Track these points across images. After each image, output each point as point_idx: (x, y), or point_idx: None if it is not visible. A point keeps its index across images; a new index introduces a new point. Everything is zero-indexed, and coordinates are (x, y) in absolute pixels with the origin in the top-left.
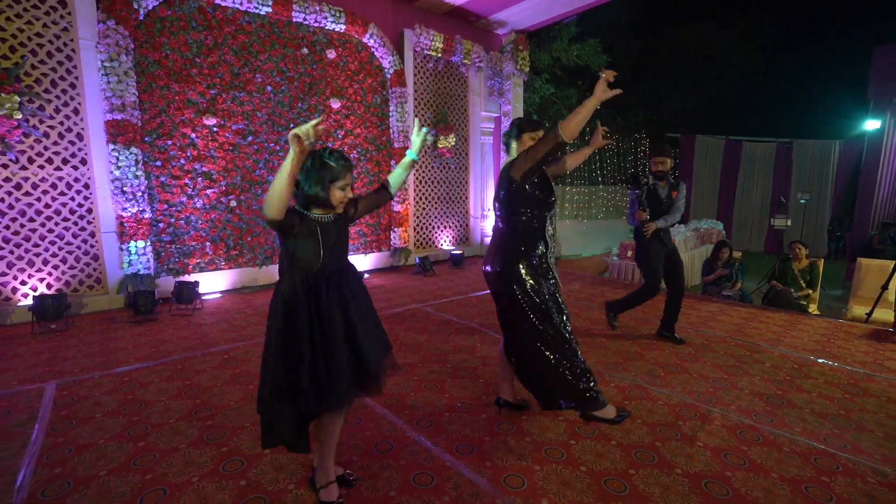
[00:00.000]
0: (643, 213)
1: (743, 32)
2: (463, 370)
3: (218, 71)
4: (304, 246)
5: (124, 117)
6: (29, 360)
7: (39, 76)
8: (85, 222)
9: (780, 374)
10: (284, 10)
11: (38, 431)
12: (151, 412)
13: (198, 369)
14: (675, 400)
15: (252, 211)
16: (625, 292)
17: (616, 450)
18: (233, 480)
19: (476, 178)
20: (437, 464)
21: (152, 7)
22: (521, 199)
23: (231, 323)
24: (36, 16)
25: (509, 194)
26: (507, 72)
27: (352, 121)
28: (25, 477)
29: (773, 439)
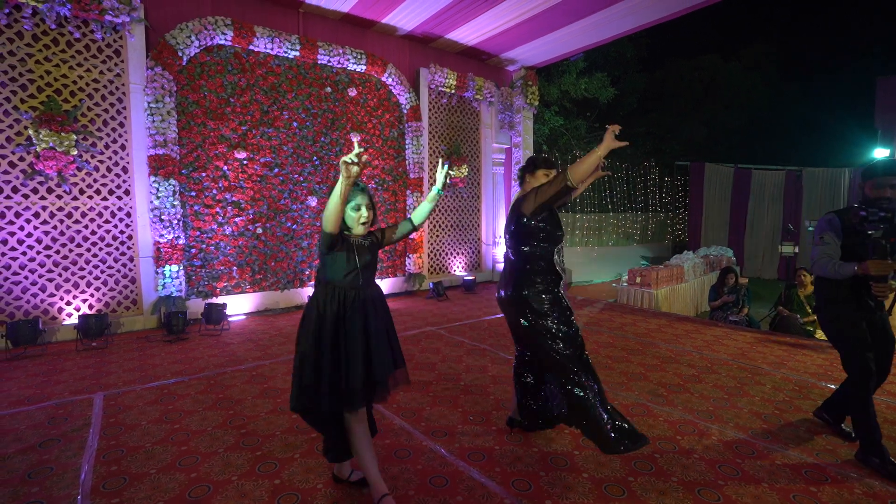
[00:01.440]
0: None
1: (748, 64)
2: (475, 387)
3: (249, 109)
4: (340, 261)
5: (165, 152)
6: (77, 374)
7: (94, 116)
8: (125, 248)
9: (780, 395)
10: (311, 54)
11: (92, 435)
12: (190, 420)
13: (228, 384)
14: (675, 417)
15: (276, 237)
16: (633, 317)
17: (616, 460)
18: (268, 480)
19: (488, 207)
20: (451, 469)
21: (194, 54)
22: (530, 233)
23: (256, 342)
24: (94, 64)
25: (519, 228)
26: (518, 105)
27: (370, 153)
28: (87, 472)
29: (767, 453)
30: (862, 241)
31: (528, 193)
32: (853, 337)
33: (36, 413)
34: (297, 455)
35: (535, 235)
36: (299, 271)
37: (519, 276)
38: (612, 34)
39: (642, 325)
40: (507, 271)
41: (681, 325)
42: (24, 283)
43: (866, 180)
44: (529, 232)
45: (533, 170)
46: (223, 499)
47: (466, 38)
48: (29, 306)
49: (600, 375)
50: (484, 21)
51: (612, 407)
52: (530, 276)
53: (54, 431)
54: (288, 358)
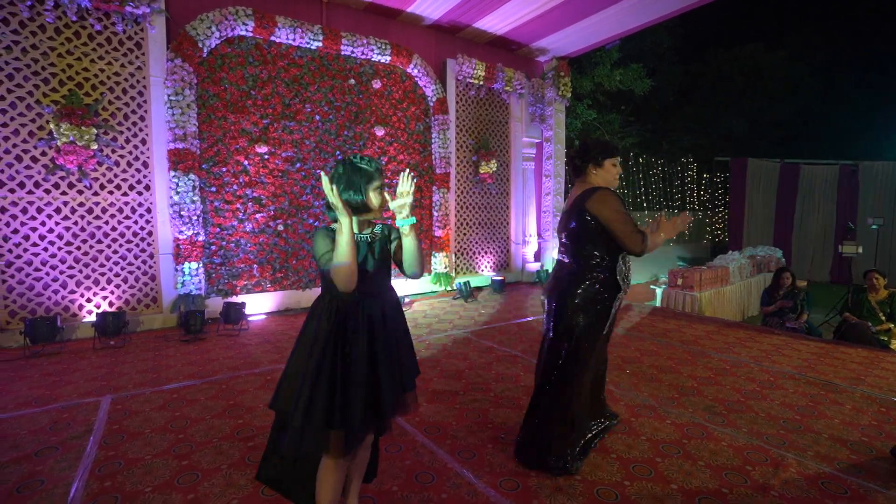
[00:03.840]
0: None
1: (794, 53)
2: (506, 399)
3: (271, 102)
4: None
5: (185, 146)
6: (89, 374)
7: (114, 110)
8: (145, 244)
9: (864, 417)
10: (334, 44)
11: (92, 444)
12: (196, 430)
13: (241, 389)
14: (740, 441)
15: (298, 235)
16: (676, 322)
17: (677, 495)
18: None
19: (517, 204)
20: (480, 500)
21: (214, 45)
22: (597, 235)
23: (274, 344)
24: (115, 57)
25: (584, 229)
26: (549, 98)
27: (395, 147)
28: (77, 489)
29: (865, 494)
30: None
31: (605, 196)
32: None
33: (40, 417)
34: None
35: (602, 238)
36: None
37: (572, 285)
38: (649, 18)
39: (688, 331)
40: (558, 277)
41: (731, 331)
42: (45, 279)
43: None
44: (596, 233)
45: (601, 160)
46: None
47: (495, 26)
48: (50, 303)
49: (646, 389)
50: (513, 7)
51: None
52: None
53: (54, 438)
54: None
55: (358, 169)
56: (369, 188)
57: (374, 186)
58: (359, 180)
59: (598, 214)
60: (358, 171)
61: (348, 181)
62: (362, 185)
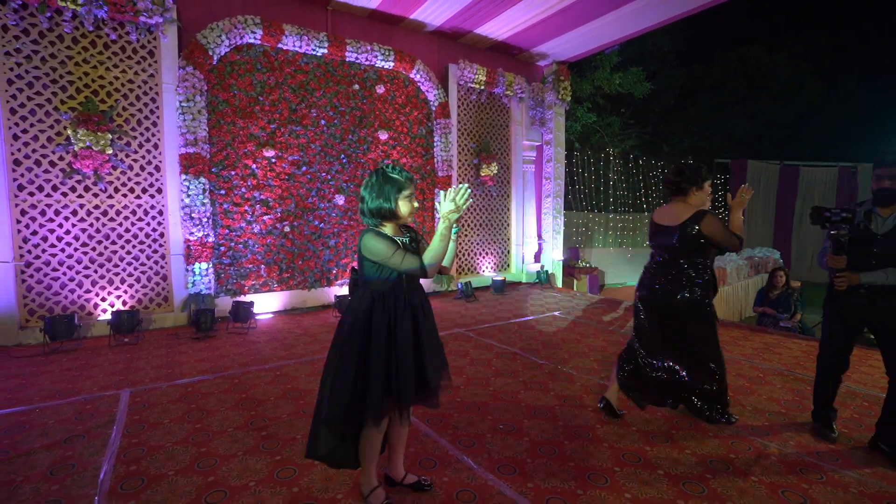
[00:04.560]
0: (837, 259)
1: (797, 54)
2: (505, 394)
3: (278, 107)
4: (387, 267)
5: (196, 151)
6: (107, 369)
7: (128, 116)
8: (157, 245)
9: (846, 411)
10: (339, 51)
11: (115, 433)
12: (212, 421)
13: (252, 383)
14: (727, 432)
15: (304, 236)
16: None
17: (663, 479)
18: (286, 487)
19: (518, 206)
20: (479, 482)
21: (224, 53)
22: (705, 248)
23: (282, 342)
24: (129, 65)
25: (696, 244)
26: (549, 101)
27: (398, 151)
28: (106, 472)
29: (839, 479)
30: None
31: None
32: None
33: (65, 408)
34: (317, 462)
35: (707, 250)
36: (326, 270)
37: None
38: (649, 24)
39: None
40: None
41: (727, 330)
42: (62, 279)
43: (873, 170)
44: (705, 247)
45: (702, 182)
46: None
47: (496, 32)
48: (67, 302)
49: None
50: (514, 14)
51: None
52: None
53: (80, 427)
54: (313, 358)
55: (389, 178)
56: (399, 197)
57: (403, 195)
58: (390, 189)
59: (710, 235)
60: (389, 180)
61: (380, 190)
62: (392, 193)
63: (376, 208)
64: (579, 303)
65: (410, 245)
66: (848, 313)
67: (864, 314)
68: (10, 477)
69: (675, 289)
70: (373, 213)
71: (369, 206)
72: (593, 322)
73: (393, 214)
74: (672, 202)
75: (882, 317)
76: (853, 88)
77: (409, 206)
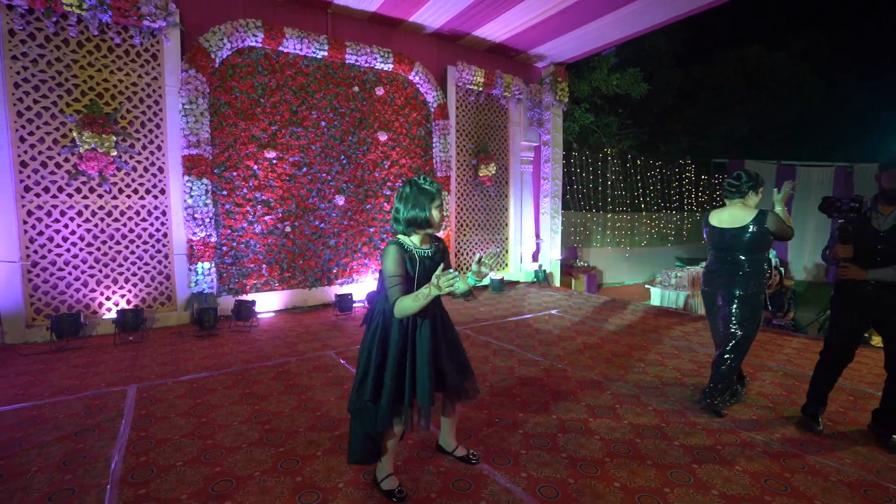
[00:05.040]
0: (844, 248)
1: (796, 54)
2: (501, 389)
3: (279, 109)
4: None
5: (199, 152)
6: (113, 366)
7: (132, 118)
8: (161, 245)
9: (833, 405)
10: (339, 54)
11: (124, 426)
12: (217, 415)
13: (255, 380)
14: (715, 426)
15: (305, 236)
16: (668, 319)
17: (651, 469)
18: (290, 477)
19: (516, 206)
20: (474, 472)
21: (226, 56)
22: (768, 244)
23: (284, 339)
24: (133, 68)
25: (763, 241)
26: (547, 102)
27: (397, 152)
28: (117, 463)
29: (820, 468)
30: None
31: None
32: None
33: (74, 403)
34: (320, 453)
35: (769, 245)
36: (327, 269)
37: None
38: (646, 26)
39: (678, 328)
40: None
41: None
42: (67, 278)
43: (885, 171)
44: (768, 243)
45: (758, 188)
46: (245, 494)
47: (494, 34)
48: (72, 300)
49: (632, 378)
50: (512, 16)
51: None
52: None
53: (90, 421)
54: (314, 356)
55: (423, 190)
56: (432, 206)
57: (435, 204)
58: (424, 199)
59: (775, 230)
60: (423, 191)
61: (415, 200)
62: (426, 203)
63: (412, 217)
64: (577, 301)
65: (434, 257)
66: (854, 305)
67: (871, 308)
68: (25, 468)
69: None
70: (408, 222)
71: (404, 216)
72: (590, 320)
73: (427, 223)
74: (729, 205)
75: (888, 312)
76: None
77: (440, 215)
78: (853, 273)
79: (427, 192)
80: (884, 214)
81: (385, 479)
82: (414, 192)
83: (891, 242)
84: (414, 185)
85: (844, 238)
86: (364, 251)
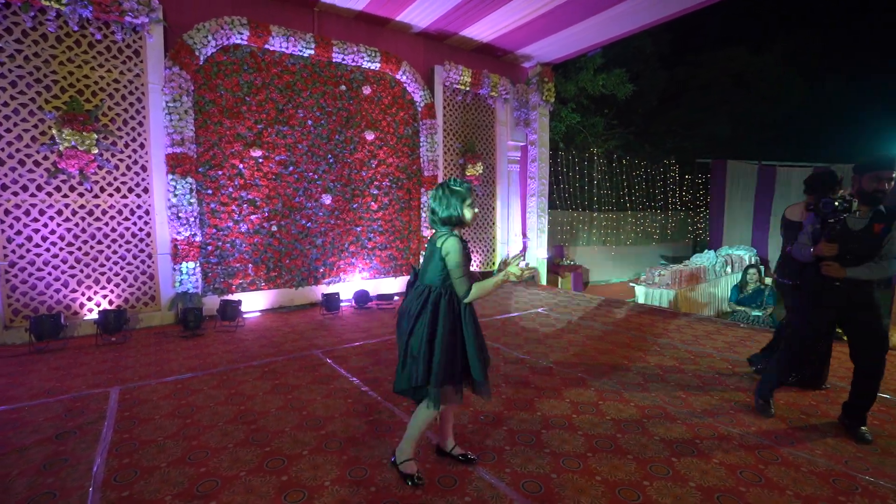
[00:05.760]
0: (831, 246)
1: (784, 55)
2: None
3: (265, 107)
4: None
5: (183, 150)
6: (94, 368)
7: (114, 116)
8: (144, 245)
9: (807, 399)
10: (325, 52)
11: (107, 428)
12: (202, 416)
13: (241, 380)
14: (694, 420)
15: (291, 235)
16: (651, 317)
17: (632, 463)
18: (275, 476)
19: (503, 205)
20: (460, 468)
21: (211, 53)
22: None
23: (270, 339)
24: (114, 64)
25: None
26: (533, 102)
27: (384, 151)
28: (99, 465)
29: (792, 460)
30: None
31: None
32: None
33: (54, 405)
34: (306, 452)
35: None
36: (313, 269)
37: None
38: (631, 28)
39: (661, 325)
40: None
41: (701, 325)
42: (47, 278)
43: (865, 173)
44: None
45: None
46: (230, 494)
47: (481, 34)
48: (52, 301)
49: (615, 375)
50: (499, 17)
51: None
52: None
53: (71, 424)
54: (300, 355)
55: (454, 191)
56: (464, 206)
57: (467, 204)
58: (456, 200)
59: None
60: (454, 192)
61: (448, 202)
62: (458, 203)
63: (447, 217)
64: (563, 300)
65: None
66: (828, 303)
67: (841, 305)
68: (5, 471)
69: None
70: (444, 221)
71: (441, 216)
72: (576, 319)
73: (461, 221)
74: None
75: (857, 309)
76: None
77: (472, 213)
78: (834, 271)
79: (458, 193)
80: (861, 215)
81: (406, 462)
82: (446, 193)
83: (864, 242)
84: (446, 187)
85: (833, 237)
86: (351, 250)
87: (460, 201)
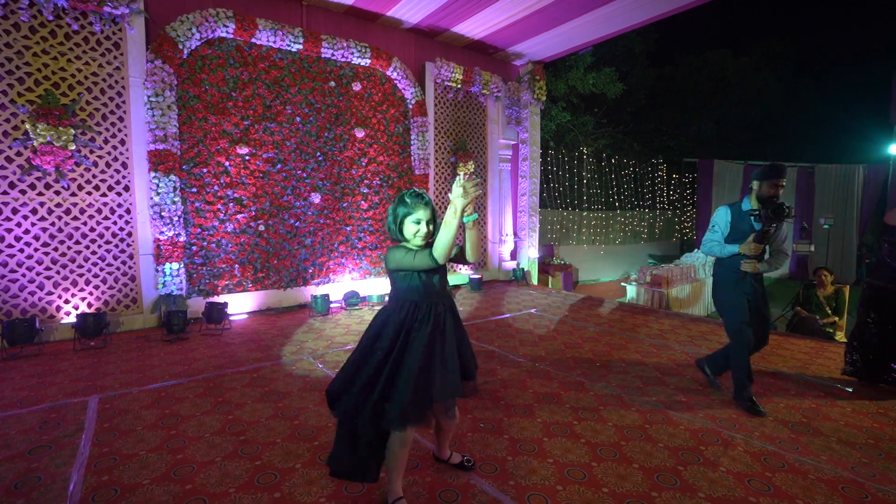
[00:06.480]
0: (758, 246)
1: (759, 60)
2: (484, 392)
3: (252, 104)
4: (411, 276)
5: (165, 147)
6: (72, 375)
7: (92, 111)
8: (125, 245)
9: (806, 401)
10: (314, 47)
11: (84, 442)
12: (187, 426)
13: (228, 387)
14: (697, 425)
15: (279, 235)
16: (644, 317)
17: (638, 473)
18: (268, 493)
19: (494, 204)
20: (461, 481)
21: (195, 47)
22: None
23: (258, 343)
24: (93, 57)
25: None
26: (525, 101)
27: (375, 149)
28: (76, 483)
29: (799, 466)
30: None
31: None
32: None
33: (28, 417)
34: (299, 465)
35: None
36: (302, 269)
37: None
38: (621, 27)
39: (655, 325)
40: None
41: (695, 325)
42: (21, 280)
43: (765, 179)
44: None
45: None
46: None
47: (473, 31)
48: (26, 304)
49: (614, 379)
50: (491, 13)
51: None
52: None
53: (45, 437)
54: (290, 360)
55: (401, 201)
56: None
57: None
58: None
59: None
60: (401, 202)
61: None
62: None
63: (388, 227)
64: (555, 300)
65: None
66: (746, 294)
67: (750, 296)
68: None
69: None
70: (389, 230)
71: (388, 225)
72: (569, 319)
73: (398, 238)
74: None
75: (758, 300)
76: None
77: (414, 229)
78: (754, 267)
79: (404, 204)
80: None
81: (396, 501)
82: (394, 203)
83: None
84: (398, 196)
85: (766, 239)
86: (341, 250)
87: (403, 213)
